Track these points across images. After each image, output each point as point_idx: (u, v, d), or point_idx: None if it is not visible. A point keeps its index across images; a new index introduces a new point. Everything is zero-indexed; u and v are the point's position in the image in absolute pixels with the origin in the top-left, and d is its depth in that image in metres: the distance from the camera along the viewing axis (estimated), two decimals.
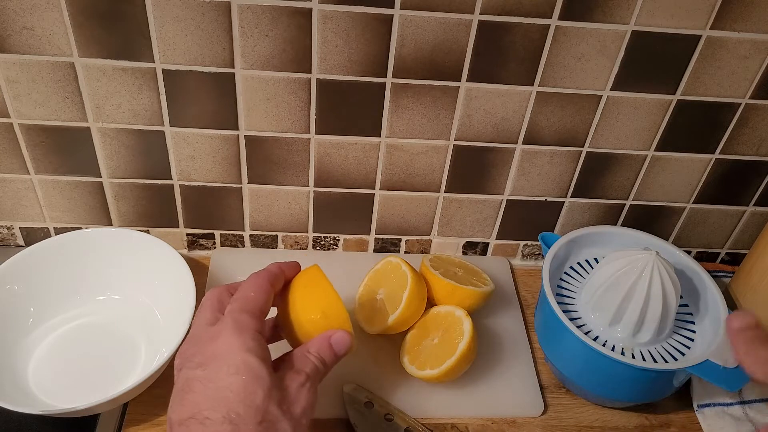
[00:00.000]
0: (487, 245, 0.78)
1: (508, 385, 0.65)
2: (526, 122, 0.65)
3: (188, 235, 0.74)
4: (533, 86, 0.62)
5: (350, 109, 0.63)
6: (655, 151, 0.68)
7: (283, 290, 0.53)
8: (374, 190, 0.70)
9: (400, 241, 0.76)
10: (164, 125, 0.63)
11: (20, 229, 0.72)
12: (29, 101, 0.61)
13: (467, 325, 0.61)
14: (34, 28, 0.56)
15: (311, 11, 0.56)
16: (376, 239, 0.76)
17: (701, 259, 0.81)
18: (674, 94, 0.64)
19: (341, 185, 0.70)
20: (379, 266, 0.68)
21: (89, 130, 0.63)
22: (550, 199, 0.73)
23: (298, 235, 0.75)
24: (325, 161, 0.67)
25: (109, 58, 0.58)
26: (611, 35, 0.59)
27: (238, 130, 0.64)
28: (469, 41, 0.59)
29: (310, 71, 0.60)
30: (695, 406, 0.64)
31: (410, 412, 0.61)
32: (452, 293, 0.66)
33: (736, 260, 0.80)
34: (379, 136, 0.65)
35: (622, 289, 0.58)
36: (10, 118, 0.62)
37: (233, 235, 0.74)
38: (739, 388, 0.49)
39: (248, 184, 0.69)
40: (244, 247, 0.76)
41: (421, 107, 0.63)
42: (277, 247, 0.76)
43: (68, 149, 0.65)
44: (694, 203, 0.74)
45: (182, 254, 0.65)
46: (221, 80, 0.60)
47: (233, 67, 0.59)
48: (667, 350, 0.59)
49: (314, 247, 0.76)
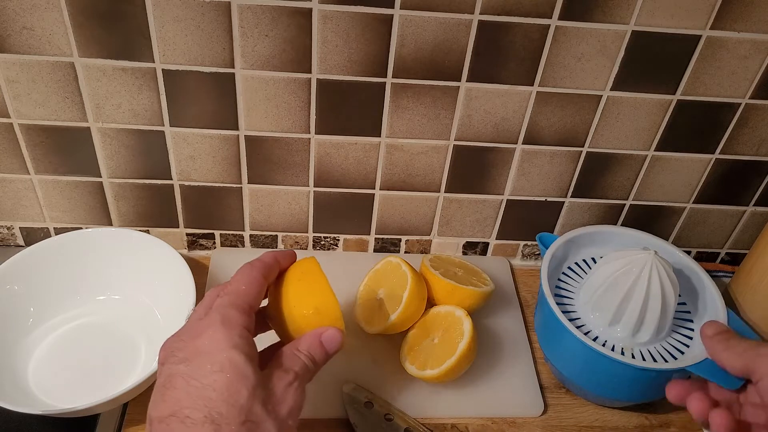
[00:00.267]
0: (487, 245, 0.78)
1: (508, 385, 0.65)
2: (526, 122, 0.65)
3: (188, 235, 0.74)
4: (533, 86, 0.62)
5: (350, 109, 0.63)
6: (655, 151, 0.68)
7: (276, 280, 0.52)
8: (374, 190, 0.70)
9: (400, 241, 0.76)
10: (164, 125, 0.63)
11: (20, 229, 0.72)
12: (29, 101, 0.61)
13: (467, 325, 0.61)
14: (34, 28, 0.56)
15: (311, 11, 0.56)
16: (376, 239, 0.76)
17: (701, 259, 0.81)
18: (674, 94, 0.64)
19: (341, 185, 0.70)
20: (379, 266, 0.68)
21: (89, 130, 0.63)
22: (550, 199, 0.73)
23: (298, 235, 0.75)
24: (325, 161, 0.67)
25: (109, 58, 0.58)
26: (611, 35, 0.59)
27: (238, 130, 0.64)
28: (469, 41, 0.59)
29: (310, 71, 0.60)
30: None
31: (410, 412, 0.61)
32: (452, 293, 0.66)
33: (736, 260, 0.80)
34: (379, 136, 0.65)
35: (621, 289, 0.57)
36: (10, 118, 0.62)
37: (233, 235, 0.74)
38: (739, 385, 0.49)
39: (248, 184, 0.69)
40: (244, 247, 0.76)
41: (421, 107, 0.63)
42: (277, 247, 0.76)
43: (68, 149, 0.65)
44: (694, 203, 0.74)
45: (182, 254, 0.65)
46: (221, 80, 0.60)
47: (233, 67, 0.59)
48: (666, 350, 0.59)
49: (314, 247, 0.76)
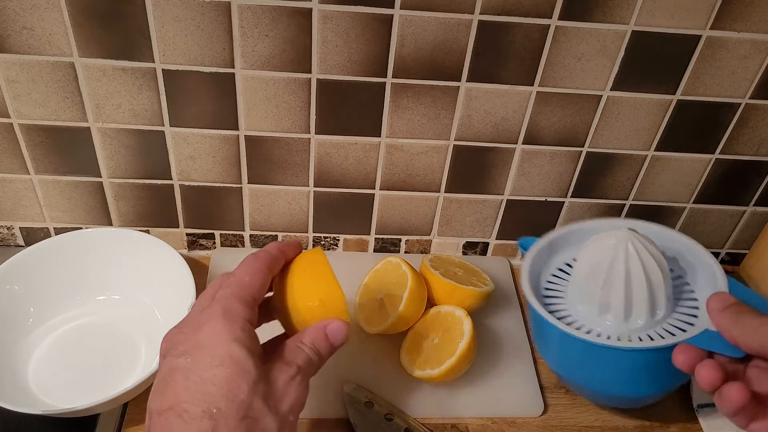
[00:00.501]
0: (487, 245, 0.78)
1: (508, 385, 0.65)
2: (526, 122, 0.65)
3: (188, 235, 0.74)
4: (533, 86, 0.62)
5: (350, 109, 0.63)
6: (655, 151, 0.68)
7: (282, 270, 0.51)
8: (374, 190, 0.70)
9: (400, 241, 0.76)
10: (164, 125, 0.63)
11: (20, 229, 0.72)
12: (29, 101, 0.61)
13: (467, 325, 0.61)
14: (34, 28, 0.56)
15: (311, 11, 0.56)
16: (376, 239, 0.76)
17: None
18: (674, 94, 0.64)
19: (341, 185, 0.70)
20: (379, 266, 0.68)
21: (89, 130, 0.63)
22: (550, 199, 0.73)
23: (298, 235, 0.75)
24: (325, 161, 0.67)
25: (109, 58, 0.58)
26: (611, 35, 0.59)
27: (238, 130, 0.64)
28: (469, 41, 0.59)
29: (310, 71, 0.60)
30: (695, 406, 0.64)
31: (410, 412, 0.61)
32: (452, 293, 0.66)
33: (736, 260, 0.80)
34: (379, 136, 0.65)
35: (599, 274, 0.54)
36: (10, 118, 0.62)
37: (233, 235, 0.74)
38: (744, 354, 0.44)
39: (248, 184, 0.69)
40: (244, 247, 0.76)
41: (421, 107, 0.63)
42: None
43: (68, 149, 0.65)
44: (694, 203, 0.74)
45: (182, 254, 0.65)
46: (221, 80, 0.60)
47: (233, 67, 0.59)
48: (668, 331, 0.54)
49: (314, 247, 0.76)
